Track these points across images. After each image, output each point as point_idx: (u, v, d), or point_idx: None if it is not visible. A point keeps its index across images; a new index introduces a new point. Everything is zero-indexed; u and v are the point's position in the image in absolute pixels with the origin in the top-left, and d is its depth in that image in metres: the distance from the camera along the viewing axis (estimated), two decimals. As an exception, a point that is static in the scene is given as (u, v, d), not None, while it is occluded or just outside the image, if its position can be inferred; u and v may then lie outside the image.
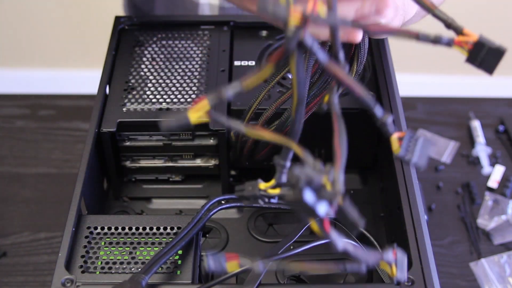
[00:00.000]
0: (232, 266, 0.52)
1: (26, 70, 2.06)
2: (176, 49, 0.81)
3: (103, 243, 0.62)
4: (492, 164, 0.99)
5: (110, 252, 0.61)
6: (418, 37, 0.49)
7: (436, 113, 1.09)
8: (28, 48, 2.03)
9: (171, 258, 0.60)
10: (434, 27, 0.60)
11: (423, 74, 2.05)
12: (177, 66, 0.79)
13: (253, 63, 0.79)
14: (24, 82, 2.03)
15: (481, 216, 0.92)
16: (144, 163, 0.78)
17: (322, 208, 0.43)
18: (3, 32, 1.98)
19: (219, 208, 0.64)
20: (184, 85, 0.77)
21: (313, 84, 0.66)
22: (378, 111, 0.51)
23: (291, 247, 0.62)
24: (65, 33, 1.99)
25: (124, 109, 0.74)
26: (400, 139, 0.51)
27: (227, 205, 0.65)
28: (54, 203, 0.94)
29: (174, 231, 0.63)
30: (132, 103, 0.75)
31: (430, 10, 0.54)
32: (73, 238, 0.62)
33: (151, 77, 0.78)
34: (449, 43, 0.51)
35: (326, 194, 0.43)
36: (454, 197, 0.96)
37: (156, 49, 0.81)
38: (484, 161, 0.99)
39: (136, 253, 0.61)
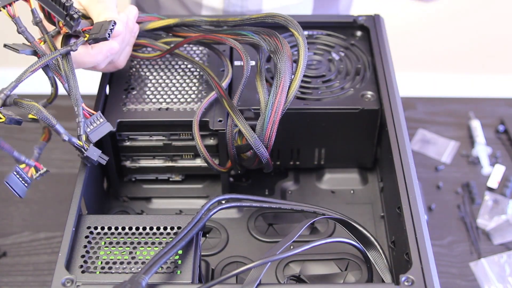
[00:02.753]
0: None
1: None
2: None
3: (103, 243, 0.62)
4: (492, 164, 0.99)
5: (110, 252, 0.61)
6: None
7: (436, 113, 1.09)
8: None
9: (171, 258, 0.60)
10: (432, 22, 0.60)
11: (423, 74, 2.05)
12: (177, 66, 0.79)
13: (253, 63, 0.79)
14: (24, 82, 2.03)
15: (481, 216, 0.92)
16: (144, 163, 0.78)
17: None
18: (3, 32, 1.98)
19: (219, 208, 0.64)
20: (184, 85, 0.77)
21: None
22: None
23: (291, 247, 0.62)
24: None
25: (124, 109, 0.74)
26: None
27: (227, 205, 0.65)
28: (54, 203, 0.94)
29: (174, 231, 0.63)
30: (132, 103, 0.75)
31: None
32: (73, 238, 0.62)
33: (151, 77, 0.78)
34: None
35: None
36: (454, 197, 0.96)
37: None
38: (484, 161, 0.99)
39: (136, 253, 0.61)
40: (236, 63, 0.80)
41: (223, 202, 0.65)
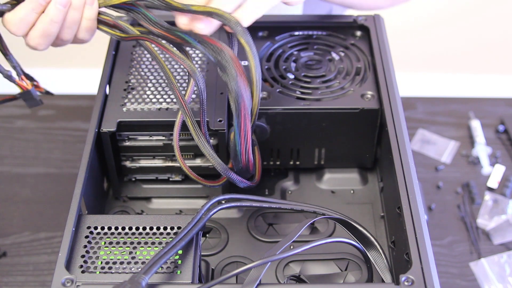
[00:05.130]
0: None
1: (25, 70, 2.06)
2: (175, 49, 0.81)
3: (103, 243, 0.62)
4: (492, 164, 0.99)
5: (110, 252, 0.61)
6: None
7: (436, 113, 1.09)
8: (27, 48, 2.03)
9: (171, 258, 0.60)
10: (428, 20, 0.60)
11: (423, 74, 2.05)
12: (176, 66, 0.79)
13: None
14: (24, 82, 2.03)
15: (481, 216, 0.92)
16: (144, 163, 0.78)
17: None
18: (2, 32, 1.98)
19: (219, 208, 0.64)
20: (184, 85, 0.77)
21: None
22: None
23: (291, 247, 0.62)
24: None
25: (124, 109, 0.74)
26: None
27: (227, 205, 0.65)
28: (54, 203, 0.94)
29: (174, 231, 0.63)
30: (132, 103, 0.75)
31: None
32: (73, 238, 0.62)
33: (151, 77, 0.78)
34: None
35: None
36: (454, 197, 0.96)
37: (156, 48, 0.81)
38: (484, 161, 0.99)
39: (136, 253, 0.61)
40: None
41: (223, 202, 0.65)
